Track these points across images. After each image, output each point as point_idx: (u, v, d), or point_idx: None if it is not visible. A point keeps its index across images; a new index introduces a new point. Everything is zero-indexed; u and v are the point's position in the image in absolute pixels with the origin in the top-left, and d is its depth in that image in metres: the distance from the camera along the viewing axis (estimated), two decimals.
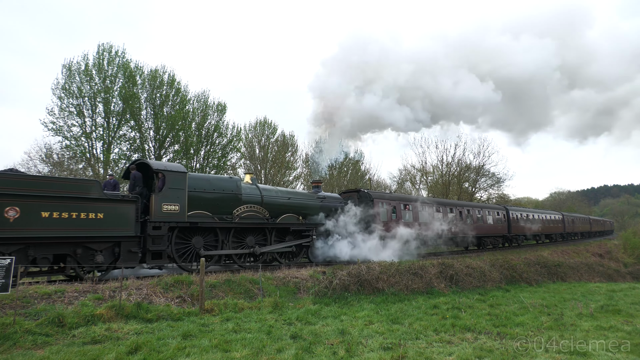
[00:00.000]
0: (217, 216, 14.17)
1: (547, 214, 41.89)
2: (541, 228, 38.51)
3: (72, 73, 26.63)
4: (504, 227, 32.82)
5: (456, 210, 27.33)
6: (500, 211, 33.08)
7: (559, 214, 44.30)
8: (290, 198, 17.10)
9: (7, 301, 8.82)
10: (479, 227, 29.18)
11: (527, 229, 35.79)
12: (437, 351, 7.54)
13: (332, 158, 21.81)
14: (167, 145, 30.47)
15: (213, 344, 7.50)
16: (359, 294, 13.12)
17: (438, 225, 24.49)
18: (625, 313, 11.79)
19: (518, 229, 34.26)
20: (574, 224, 47.63)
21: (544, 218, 40.35)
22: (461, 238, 27.11)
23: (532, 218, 37.63)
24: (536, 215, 39.08)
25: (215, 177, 15.45)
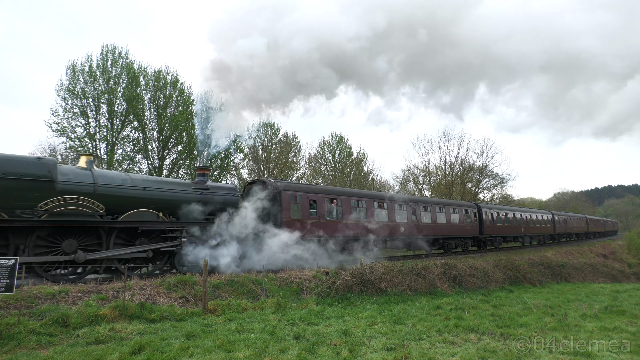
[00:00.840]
0: (6, 210, 10.57)
1: (532, 212, 39.05)
2: (525, 229, 35.76)
3: (76, 74, 26.77)
4: (475, 227, 29.08)
5: (408, 207, 23.26)
6: (470, 209, 29.23)
7: (548, 213, 41.95)
8: (146, 188, 13.08)
9: (11, 301, 8.86)
10: (439, 227, 25.53)
11: (506, 229, 32.59)
12: (441, 352, 7.52)
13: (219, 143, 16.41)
14: (170, 146, 30.56)
15: (216, 344, 7.51)
16: (362, 295, 13.11)
17: (380, 225, 20.82)
18: (630, 314, 11.74)
19: (493, 230, 30.58)
20: (566, 224, 45.13)
21: (528, 218, 37.16)
22: (415, 240, 23.59)
23: (512, 217, 33.94)
24: (517, 214, 35.32)
25: (10, 158, 10.75)
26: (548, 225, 40.14)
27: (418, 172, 52.26)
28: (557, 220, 42.49)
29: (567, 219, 46.22)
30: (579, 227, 49.73)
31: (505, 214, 33.38)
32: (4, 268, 8.02)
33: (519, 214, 35.81)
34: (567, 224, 45.48)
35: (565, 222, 45.06)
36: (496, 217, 31.66)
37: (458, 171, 49.50)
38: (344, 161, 48.05)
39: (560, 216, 44.27)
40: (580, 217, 53.24)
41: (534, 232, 37.40)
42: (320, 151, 47.68)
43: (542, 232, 38.90)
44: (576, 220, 49.80)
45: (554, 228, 41.31)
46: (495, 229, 31.03)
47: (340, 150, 47.89)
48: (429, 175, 51.61)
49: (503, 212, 33.25)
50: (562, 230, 43.57)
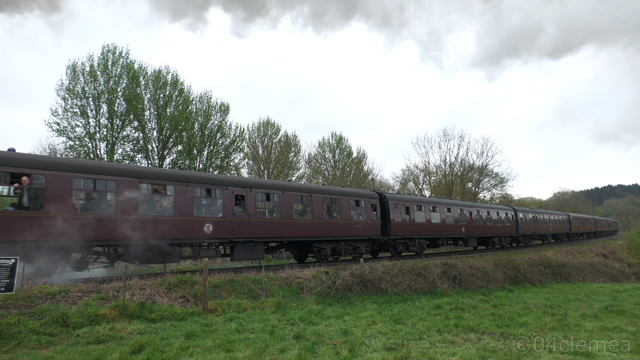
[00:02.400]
0: None
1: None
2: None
3: (76, 74, 26.75)
4: (375, 226, 21.12)
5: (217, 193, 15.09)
6: (370, 200, 21.25)
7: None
8: None
9: (11, 301, 8.86)
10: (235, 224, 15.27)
11: (421, 229, 24.25)
12: (441, 351, 7.53)
13: None
14: (170, 145, 30.55)
15: (216, 344, 7.52)
16: (362, 294, 13.12)
17: None
18: (630, 313, 11.74)
19: (398, 230, 22.07)
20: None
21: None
22: None
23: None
24: (445, 209, 26.69)
25: None
26: (565, 225, 41.54)
27: (418, 172, 52.32)
28: (572, 220, 46.62)
29: (581, 219, 48.01)
30: (589, 227, 52.71)
31: (420, 207, 25.32)
32: (4, 268, 8.02)
33: (445, 208, 29.35)
34: (580, 224, 47.07)
35: (579, 223, 46.80)
36: (411, 211, 24.01)
37: (458, 171, 49.53)
38: (343, 161, 48.08)
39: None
40: (589, 218, 55.01)
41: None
42: (320, 151, 47.74)
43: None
44: (586, 221, 51.56)
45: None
46: (403, 229, 22.91)
47: (340, 150, 47.91)
48: (429, 175, 51.68)
49: (418, 204, 25.05)
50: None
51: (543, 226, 38.68)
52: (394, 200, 22.50)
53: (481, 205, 31.65)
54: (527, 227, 35.53)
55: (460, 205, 28.54)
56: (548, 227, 39.95)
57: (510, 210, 33.77)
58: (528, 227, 35.80)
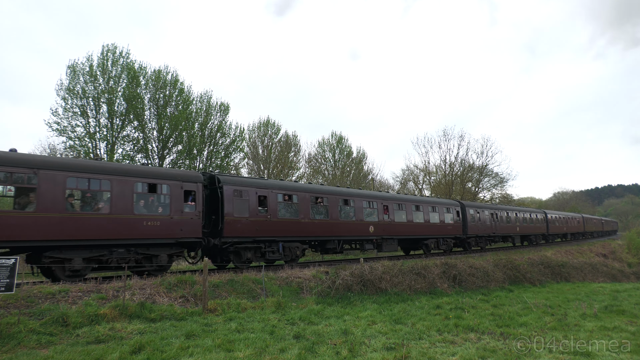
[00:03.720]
0: None
1: (386, 200, 21.89)
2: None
3: (76, 74, 26.75)
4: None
5: None
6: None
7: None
8: None
9: (11, 301, 8.87)
10: None
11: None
12: (440, 351, 7.53)
13: None
14: (170, 145, 30.54)
15: (216, 343, 7.52)
16: (362, 294, 13.12)
17: None
18: (630, 313, 11.75)
19: (233, 229, 15.04)
20: (479, 222, 29.85)
21: (370, 210, 20.64)
22: None
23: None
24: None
25: None
26: (541, 225, 41.09)
27: (418, 172, 52.32)
28: (586, 220, 51.18)
29: (563, 219, 48.20)
30: (576, 227, 52.16)
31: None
32: (4, 267, 8.02)
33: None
34: (563, 223, 47.08)
35: (561, 222, 46.78)
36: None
37: (458, 171, 49.54)
38: (343, 161, 48.10)
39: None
40: (576, 217, 54.85)
41: (528, 232, 38.55)
42: (320, 151, 47.75)
43: (533, 232, 40.16)
44: (571, 220, 51.38)
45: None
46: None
47: (340, 150, 47.93)
48: (429, 175, 51.68)
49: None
50: (557, 231, 46.44)
51: (507, 226, 33.25)
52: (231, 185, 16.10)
53: (401, 198, 23.78)
54: (479, 227, 29.33)
55: (361, 196, 20.89)
56: (515, 227, 34.29)
57: (455, 206, 28.13)
58: (482, 227, 29.60)
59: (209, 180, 15.41)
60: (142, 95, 29.09)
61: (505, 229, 33.33)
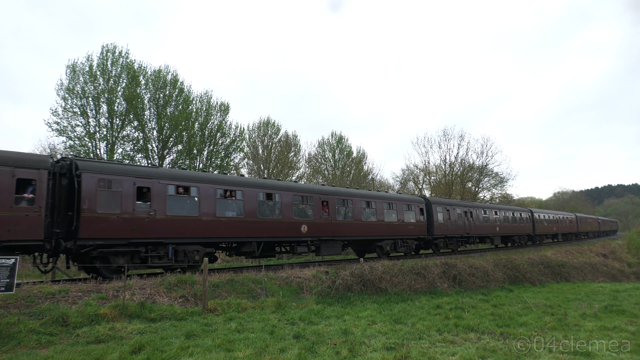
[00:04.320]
0: None
1: (326, 195, 19.30)
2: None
3: (76, 73, 26.75)
4: None
5: None
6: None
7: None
8: None
9: (11, 300, 8.87)
10: None
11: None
12: (440, 351, 7.53)
13: None
14: (170, 145, 30.54)
15: (216, 343, 7.52)
16: (362, 294, 13.12)
17: None
18: (630, 313, 11.74)
19: (95, 229, 12.12)
20: (448, 222, 27.63)
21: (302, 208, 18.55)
22: None
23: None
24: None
25: None
26: (571, 224, 41.84)
27: (418, 172, 52.32)
28: (580, 220, 50.42)
29: (553, 220, 47.54)
30: (593, 227, 54.03)
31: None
32: (4, 267, 8.02)
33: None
34: (553, 224, 46.42)
35: (550, 222, 45.93)
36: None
37: (458, 170, 49.53)
38: (343, 160, 48.10)
39: (581, 217, 52.79)
40: (568, 217, 54.81)
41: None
42: (320, 150, 47.76)
43: (517, 233, 38.50)
44: (562, 220, 51.12)
45: (577, 227, 48.81)
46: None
47: (340, 150, 47.93)
48: (429, 175, 51.68)
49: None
50: (545, 231, 45.40)
51: (485, 226, 30.41)
52: None
53: (346, 193, 20.33)
54: (449, 227, 26.24)
55: (291, 189, 17.89)
56: (494, 227, 31.49)
57: (419, 203, 24.44)
58: (452, 227, 26.53)
59: (67, 168, 12.15)
60: (142, 95, 29.09)
61: (482, 229, 30.11)
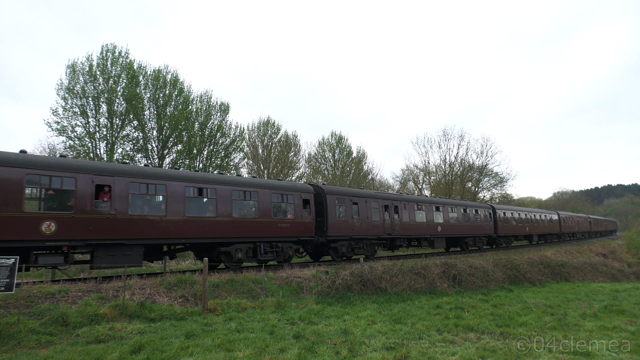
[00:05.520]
0: None
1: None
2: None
3: (76, 73, 26.75)
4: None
5: None
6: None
7: (377, 197, 22.30)
8: None
9: (11, 300, 8.86)
10: None
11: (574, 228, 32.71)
12: (440, 351, 7.53)
13: None
14: (170, 145, 30.54)
15: (216, 343, 7.52)
16: (361, 294, 13.12)
17: None
18: (630, 313, 11.74)
19: None
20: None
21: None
22: None
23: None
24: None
25: None
26: (552, 224, 41.68)
27: (418, 172, 52.32)
28: (564, 219, 48.35)
29: (571, 218, 48.36)
30: (582, 227, 53.44)
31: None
32: (3, 267, 8.01)
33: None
34: (524, 224, 46.31)
35: (519, 221, 45.80)
36: None
37: (458, 170, 49.54)
38: (343, 160, 48.11)
39: (567, 216, 50.46)
40: (547, 216, 54.48)
41: (542, 231, 39.62)
42: (320, 150, 47.77)
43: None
44: (577, 220, 51.42)
45: (560, 227, 46.60)
46: None
47: (340, 150, 47.94)
48: (428, 175, 51.69)
49: None
50: (510, 232, 44.58)
51: (419, 225, 24.48)
52: None
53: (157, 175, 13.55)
54: (354, 226, 19.99)
55: None
56: (434, 227, 25.83)
57: (303, 193, 18.16)
58: (361, 226, 20.33)
59: None
60: (142, 95, 29.09)
61: (414, 229, 23.28)
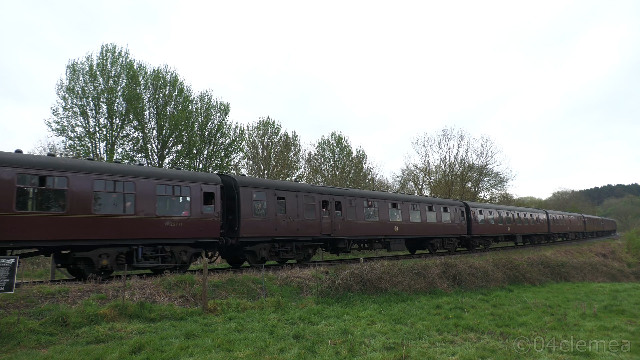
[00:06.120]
0: None
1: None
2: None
3: (76, 73, 26.74)
4: None
5: None
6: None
7: (318, 194, 19.48)
8: None
9: (11, 300, 8.86)
10: None
11: None
12: (440, 351, 7.53)
13: None
14: (170, 145, 30.53)
15: (216, 343, 7.52)
16: (361, 294, 13.12)
17: None
18: (629, 313, 11.75)
19: None
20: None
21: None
22: None
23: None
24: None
25: None
26: (539, 224, 40.94)
27: (418, 172, 52.31)
28: (554, 220, 46.40)
29: (563, 219, 47.75)
30: (575, 227, 52.08)
31: None
32: (3, 267, 8.01)
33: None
34: (559, 224, 46.25)
35: (558, 223, 45.86)
36: None
37: (458, 170, 49.54)
38: (343, 160, 48.11)
39: (557, 217, 48.22)
40: (574, 216, 54.31)
41: (527, 231, 37.92)
42: (319, 150, 47.76)
43: (529, 232, 39.10)
44: (571, 219, 50.97)
45: (549, 227, 44.36)
46: None
47: (340, 150, 47.94)
48: (428, 175, 51.69)
49: None
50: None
51: (370, 224, 21.20)
52: None
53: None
54: (278, 224, 16.87)
55: None
56: (390, 227, 22.52)
57: (205, 183, 15.00)
58: (288, 225, 17.28)
59: None
60: (142, 95, 29.08)
61: (362, 229, 20.21)
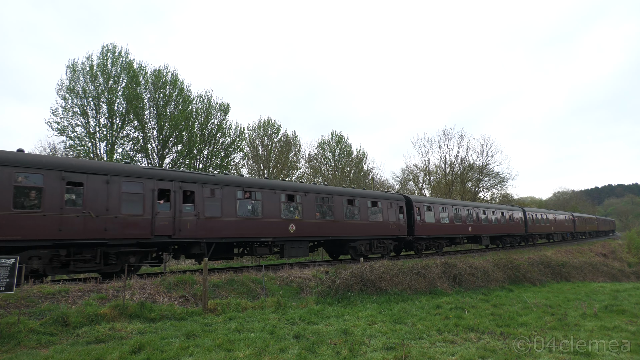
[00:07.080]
0: None
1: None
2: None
3: (76, 73, 26.75)
4: None
5: None
6: None
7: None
8: None
9: (11, 300, 8.86)
10: None
11: None
12: (440, 351, 7.52)
13: None
14: (170, 145, 30.54)
15: (216, 343, 7.52)
16: (362, 294, 13.12)
17: None
18: (630, 313, 11.73)
19: None
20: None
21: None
22: None
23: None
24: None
25: None
26: (515, 224, 39.21)
27: (418, 172, 52.30)
28: (534, 219, 44.49)
29: (546, 219, 46.17)
30: (560, 228, 50.29)
31: None
32: (4, 267, 8.01)
33: None
34: (540, 224, 44.78)
35: (538, 223, 44.22)
36: None
37: (458, 170, 49.52)
38: (343, 160, 48.10)
39: (538, 217, 46.49)
40: (561, 215, 52.62)
41: (496, 232, 34.76)
42: (320, 150, 47.76)
43: (500, 233, 35.57)
44: (557, 219, 49.75)
45: (526, 228, 42.48)
46: None
47: (340, 150, 47.94)
48: (429, 175, 51.68)
49: None
50: (537, 230, 43.17)
51: (248, 222, 16.26)
52: None
53: None
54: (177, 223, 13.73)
55: None
56: (286, 227, 17.06)
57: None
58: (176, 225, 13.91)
59: None
60: (142, 95, 29.10)
61: (229, 229, 15.38)
